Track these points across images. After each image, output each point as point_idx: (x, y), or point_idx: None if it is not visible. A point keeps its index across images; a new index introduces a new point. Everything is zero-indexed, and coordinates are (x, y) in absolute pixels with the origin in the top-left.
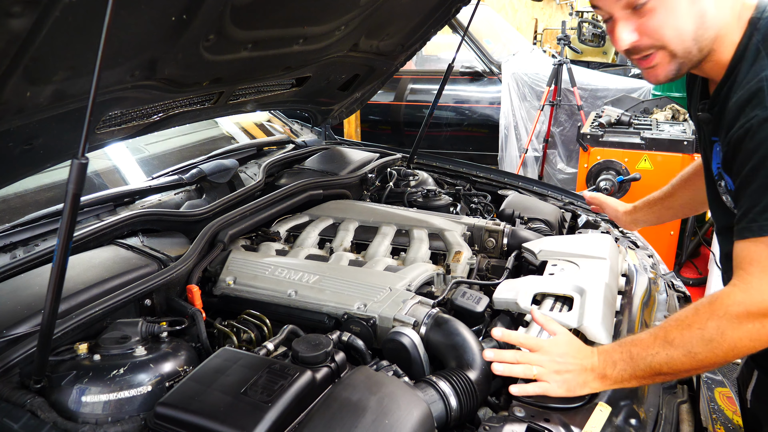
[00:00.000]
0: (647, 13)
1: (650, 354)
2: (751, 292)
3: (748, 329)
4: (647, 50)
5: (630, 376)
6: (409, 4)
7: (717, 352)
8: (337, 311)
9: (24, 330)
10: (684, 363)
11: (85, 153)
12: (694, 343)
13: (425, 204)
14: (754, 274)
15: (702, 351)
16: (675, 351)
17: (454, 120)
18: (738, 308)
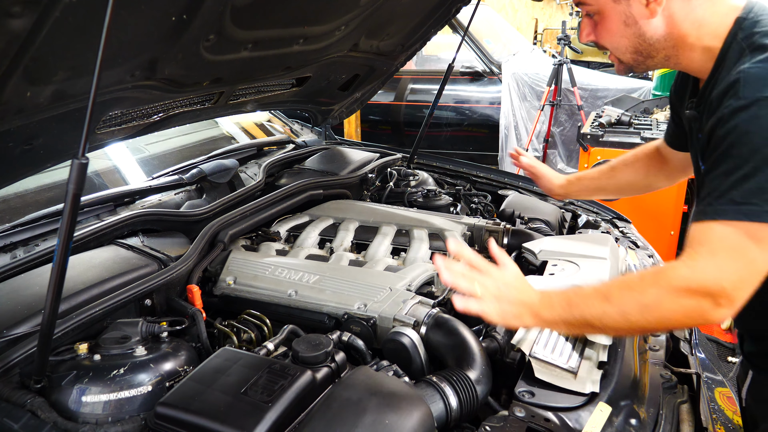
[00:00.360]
0: (597, 23)
1: (587, 305)
2: (695, 270)
3: (683, 304)
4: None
5: (563, 321)
6: (409, 4)
7: (649, 318)
8: (338, 311)
9: (24, 330)
10: (616, 322)
11: (85, 153)
12: (631, 305)
13: (425, 204)
14: (702, 254)
15: (635, 315)
16: (611, 308)
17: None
18: (679, 282)
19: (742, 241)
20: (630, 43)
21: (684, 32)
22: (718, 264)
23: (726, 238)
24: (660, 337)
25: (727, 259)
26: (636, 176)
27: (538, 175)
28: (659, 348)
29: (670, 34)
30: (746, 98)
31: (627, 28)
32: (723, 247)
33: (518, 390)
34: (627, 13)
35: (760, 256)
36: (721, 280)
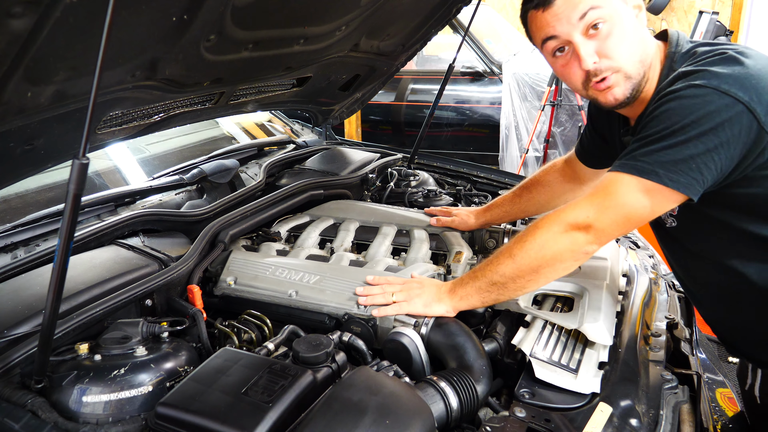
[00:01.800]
0: (603, 37)
1: (488, 269)
2: (582, 207)
3: (568, 238)
4: (605, 72)
5: (475, 290)
6: (409, 4)
7: (544, 255)
8: (338, 311)
9: (25, 330)
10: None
11: (86, 153)
12: (528, 252)
13: (426, 204)
14: (596, 195)
15: (533, 258)
16: (512, 262)
17: (455, 120)
18: (557, 216)
19: (623, 188)
20: (638, 51)
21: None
22: (592, 201)
23: (611, 183)
24: (661, 338)
25: (598, 197)
26: (551, 195)
27: (454, 222)
28: (660, 348)
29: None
30: (675, 86)
31: (636, 31)
32: (603, 190)
33: (518, 390)
34: (633, 20)
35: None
36: (588, 216)
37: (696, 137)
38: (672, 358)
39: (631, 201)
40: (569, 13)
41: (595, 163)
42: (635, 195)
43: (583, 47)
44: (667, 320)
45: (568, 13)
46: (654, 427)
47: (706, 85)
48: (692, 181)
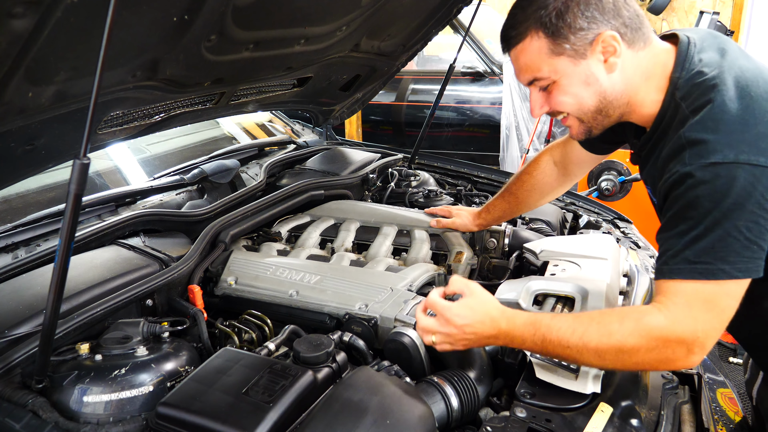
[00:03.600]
0: (551, 92)
1: (563, 347)
2: (673, 321)
3: (660, 352)
4: (558, 115)
5: (533, 351)
6: (410, 4)
7: (624, 361)
8: (339, 311)
9: (26, 330)
10: (591, 364)
11: (86, 153)
12: (610, 352)
13: (427, 204)
14: (677, 305)
15: (611, 360)
16: (588, 353)
17: (456, 120)
18: (658, 332)
19: (706, 295)
20: (593, 103)
21: (636, 87)
22: (692, 315)
23: (693, 293)
24: None
25: (698, 311)
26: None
27: (455, 223)
28: None
29: (625, 90)
30: (692, 165)
31: (588, 87)
32: (694, 301)
33: (519, 390)
34: (588, 72)
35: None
36: (695, 331)
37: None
38: None
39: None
40: (518, 74)
41: (595, 148)
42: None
43: (533, 99)
44: None
45: (517, 73)
46: (655, 427)
47: (723, 161)
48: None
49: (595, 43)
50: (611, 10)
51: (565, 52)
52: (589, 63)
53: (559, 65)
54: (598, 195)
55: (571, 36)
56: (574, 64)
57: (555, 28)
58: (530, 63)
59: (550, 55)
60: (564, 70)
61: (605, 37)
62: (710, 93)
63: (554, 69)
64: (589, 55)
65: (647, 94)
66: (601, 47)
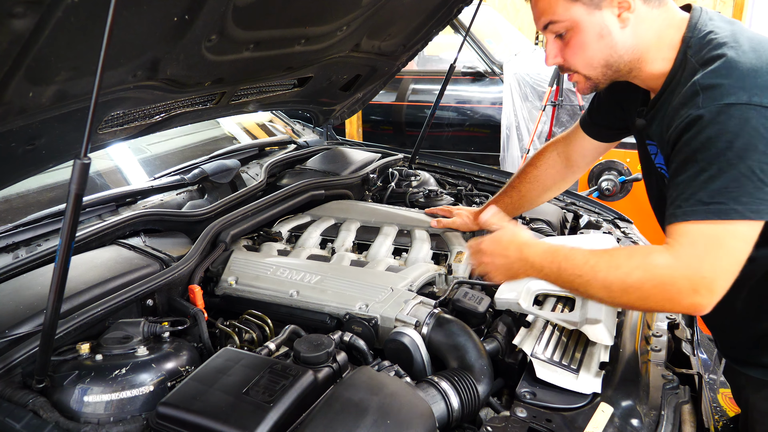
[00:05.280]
0: (564, 44)
1: (576, 275)
2: (679, 259)
3: (665, 289)
4: (567, 71)
5: (549, 280)
6: (410, 4)
7: (631, 297)
8: (339, 311)
9: (26, 330)
10: (601, 297)
11: (87, 153)
12: (616, 284)
13: (427, 204)
14: (684, 246)
15: (618, 292)
16: (596, 283)
17: (456, 120)
18: (664, 270)
19: (716, 235)
20: (602, 56)
21: (647, 44)
22: (699, 255)
23: (701, 233)
24: (662, 338)
25: (705, 251)
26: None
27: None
28: (661, 348)
29: (636, 46)
30: (705, 107)
31: (601, 39)
32: (701, 241)
33: (520, 390)
34: (602, 24)
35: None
36: (701, 270)
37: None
38: (673, 358)
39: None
40: (536, 20)
41: (600, 134)
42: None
43: (549, 48)
44: (668, 320)
45: (535, 20)
46: (655, 427)
47: (737, 102)
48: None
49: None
50: None
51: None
52: (603, 15)
53: (575, 12)
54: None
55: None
56: (588, 13)
57: None
58: (547, 6)
59: (568, 1)
60: (579, 18)
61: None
62: (722, 48)
63: (569, 15)
64: (604, 6)
65: (658, 51)
66: (616, 1)
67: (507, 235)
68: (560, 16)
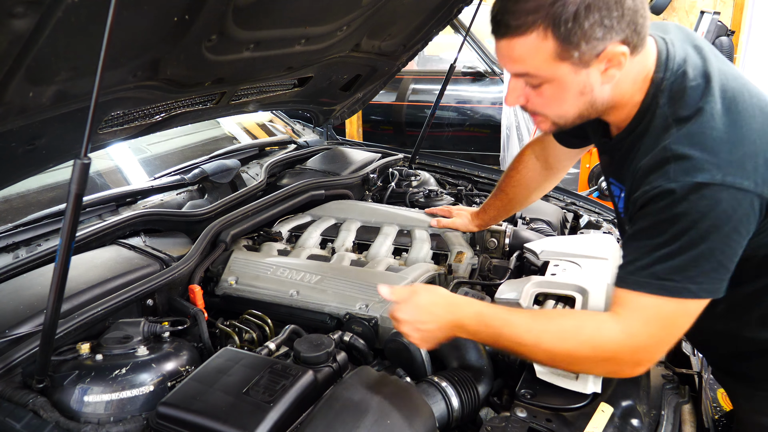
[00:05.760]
0: (538, 91)
1: (517, 343)
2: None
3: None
4: (532, 113)
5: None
6: (411, 4)
7: (574, 367)
8: (339, 311)
9: (26, 330)
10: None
11: (87, 153)
12: (561, 356)
13: (427, 204)
14: (635, 320)
15: (562, 363)
16: (540, 352)
17: (456, 120)
18: (613, 346)
19: (666, 312)
20: (578, 110)
21: (623, 92)
22: (649, 332)
23: (653, 309)
24: None
25: (655, 328)
26: (527, 190)
27: (455, 223)
28: None
29: (613, 96)
30: (677, 182)
31: (580, 97)
32: (653, 317)
33: (520, 390)
34: (585, 82)
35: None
36: (648, 346)
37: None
38: (673, 358)
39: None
40: (505, 62)
41: (569, 143)
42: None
43: (511, 87)
44: None
45: (504, 61)
46: (655, 427)
47: (710, 182)
48: (723, 283)
49: (603, 55)
50: (629, 16)
51: (570, 59)
52: (589, 72)
53: (560, 71)
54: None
55: (583, 44)
56: (575, 72)
57: (568, 32)
58: (526, 59)
59: (554, 59)
60: (563, 77)
61: (615, 51)
62: (697, 102)
63: (553, 73)
64: (593, 64)
65: (631, 96)
66: (606, 59)
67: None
68: (541, 72)
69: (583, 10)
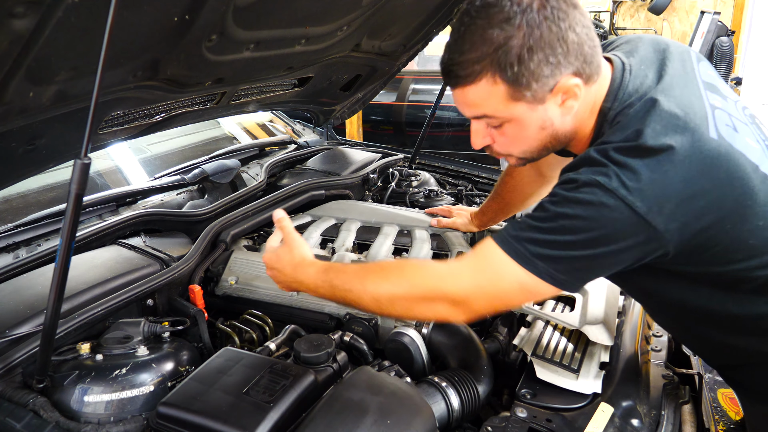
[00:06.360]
0: (501, 132)
1: (347, 290)
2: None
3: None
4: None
5: (326, 298)
6: (411, 4)
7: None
8: (339, 311)
9: (26, 330)
10: (368, 306)
11: (87, 153)
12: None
13: (427, 204)
14: (468, 266)
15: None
16: (365, 298)
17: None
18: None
19: (502, 272)
20: (542, 144)
21: (583, 120)
22: (476, 279)
23: (494, 262)
24: (662, 338)
25: (485, 279)
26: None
27: (455, 223)
28: (661, 348)
29: (574, 127)
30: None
31: (542, 131)
32: (486, 267)
33: (520, 390)
34: (544, 117)
35: (507, 289)
36: (467, 292)
37: (587, 242)
38: (673, 358)
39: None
40: (462, 108)
41: None
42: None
43: (474, 130)
44: None
45: (461, 107)
46: (655, 427)
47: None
48: (573, 281)
49: (556, 89)
50: (575, 50)
51: (524, 99)
52: (546, 107)
53: (517, 110)
54: None
55: (533, 83)
56: (531, 109)
57: (516, 75)
58: (481, 103)
59: (508, 100)
60: (521, 116)
61: (568, 84)
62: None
63: (510, 113)
64: (548, 99)
65: (588, 121)
66: (561, 92)
67: (285, 253)
68: (498, 113)
69: (526, 53)
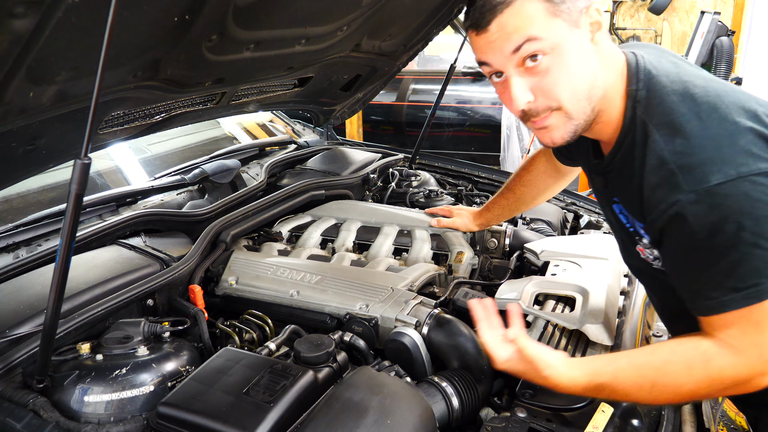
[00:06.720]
0: (541, 73)
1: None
2: (743, 357)
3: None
4: (543, 112)
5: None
6: (411, 4)
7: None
8: (339, 311)
9: (27, 330)
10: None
11: (87, 153)
12: (685, 397)
13: (427, 204)
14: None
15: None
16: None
17: (456, 120)
18: (732, 371)
19: (761, 316)
20: (587, 85)
21: (607, 81)
22: (755, 342)
23: (747, 319)
24: (662, 338)
25: (759, 335)
26: (536, 191)
27: (455, 223)
28: None
29: (605, 78)
30: (694, 191)
31: (585, 62)
32: (750, 328)
33: (520, 390)
34: (584, 43)
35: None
36: (762, 356)
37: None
38: None
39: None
40: (502, 44)
41: (564, 161)
42: None
43: (515, 85)
44: None
45: (501, 43)
46: (655, 427)
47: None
48: None
49: (585, 12)
50: None
51: (561, 15)
52: (581, 34)
53: (558, 29)
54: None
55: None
56: (570, 31)
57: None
58: (522, 25)
59: (547, 16)
60: (562, 39)
61: (593, 8)
62: (679, 107)
63: (552, 32)
64: (581, 25)
65: (614, 97)
66: (588, 19)
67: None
68: (541, 32)
69: None
